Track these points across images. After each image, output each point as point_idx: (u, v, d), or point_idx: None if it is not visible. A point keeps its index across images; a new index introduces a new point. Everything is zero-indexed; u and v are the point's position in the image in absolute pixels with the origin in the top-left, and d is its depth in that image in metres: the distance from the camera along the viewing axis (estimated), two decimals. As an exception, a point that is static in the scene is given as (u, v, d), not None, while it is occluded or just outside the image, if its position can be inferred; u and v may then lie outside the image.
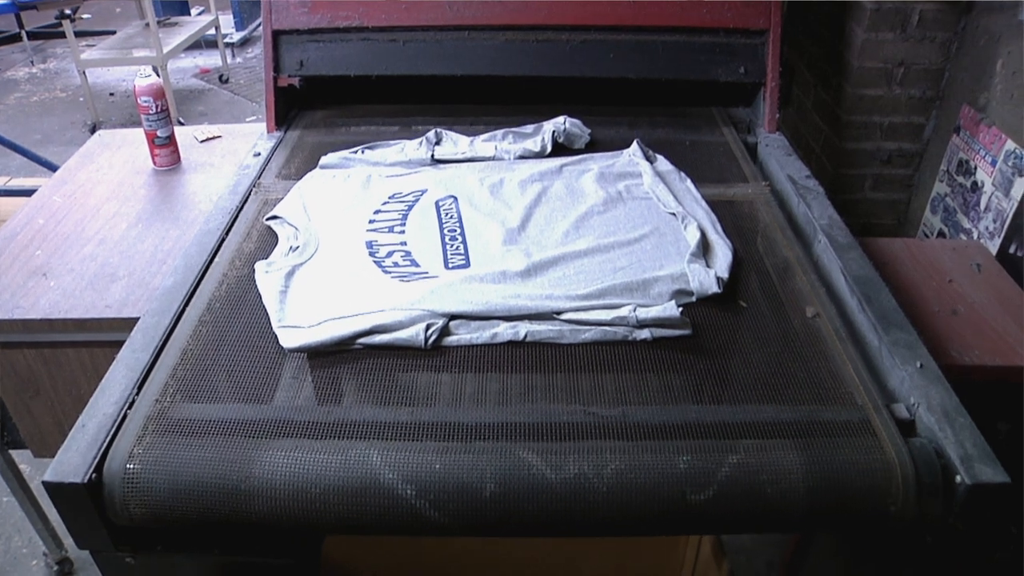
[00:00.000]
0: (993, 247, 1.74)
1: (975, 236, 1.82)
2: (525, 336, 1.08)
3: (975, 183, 1.82)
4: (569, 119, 1.67)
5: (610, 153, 1.59)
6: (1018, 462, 0.95)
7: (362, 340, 1.06)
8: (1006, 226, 1.71)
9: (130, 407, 0.98)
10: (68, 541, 1.95)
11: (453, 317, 1.10)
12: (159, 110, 1.77)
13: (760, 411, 0.99)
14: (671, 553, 1.53)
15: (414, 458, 0.90)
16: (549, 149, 1.61)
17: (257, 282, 1.20)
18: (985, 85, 1.80)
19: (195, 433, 0.95)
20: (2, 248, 1.54)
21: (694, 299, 1.18)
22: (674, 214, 1.36)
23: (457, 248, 1.27)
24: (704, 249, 1.27)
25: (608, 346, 1.09)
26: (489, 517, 0.89)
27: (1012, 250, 1.68)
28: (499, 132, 1.66)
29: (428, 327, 1.07)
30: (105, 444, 0.93)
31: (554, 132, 1.63)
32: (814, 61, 2.25)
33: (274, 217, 1.38)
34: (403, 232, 1.32)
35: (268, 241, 1.35)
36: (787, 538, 1.84)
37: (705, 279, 1.19)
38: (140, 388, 1.01)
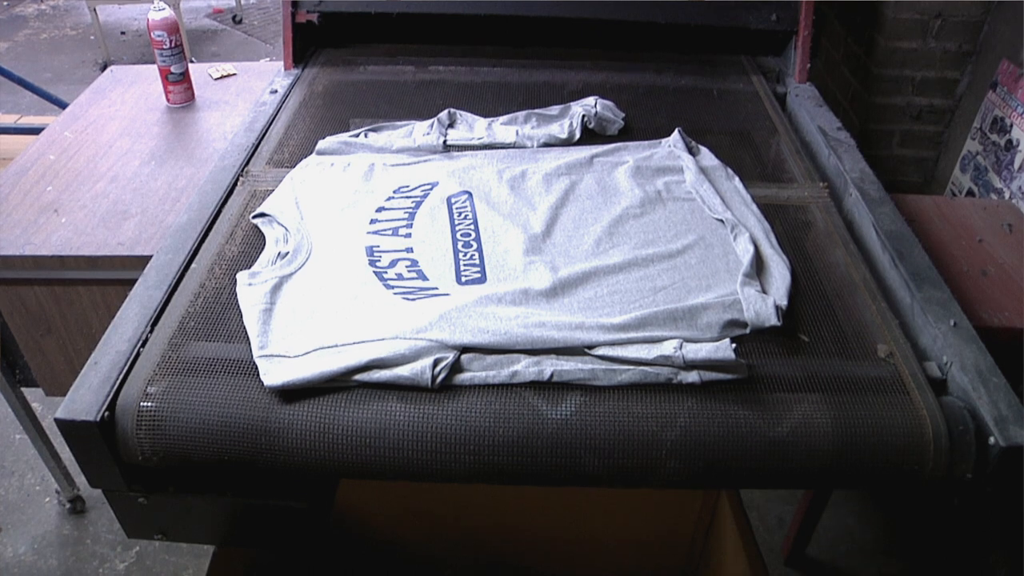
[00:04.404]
0: (1025, 207, 1.69)
1: (1007, 196, 1.77)
2: (551, 376, 0.92)
3: (1010, 141, 1.76)
4: (601, 101, 1.50)
5: (647, 143, 1.41)
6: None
7: (358, 377, 0.91)
8: (1040, 186, 1.66)
9: (143, 345, 0.97)
10: (80, 480, 1.96)
11: (465, 349, 0.94)
12: (173, 45, 1.72)
13: (790, 365, 0.96)
14: (688, 508, 1.52)
15: (430, 408, 0.89)
16: (578, 136, 1.43)
17: (238, 296, 1.04)
18: (1026, 39, 1.73)
19: (209, 372, 0.93)
20: (12, 183, 1.52)
21: (748, 331, 1.00)
22: (722, 220, 1.19)
23: (471, 258, 1.11)
24: (757, 267, 1.10)
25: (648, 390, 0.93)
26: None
27: (1045, 211, 1.64)
28: (520, 114, 1.48)
29: (436, 363, 0.91)
30: (118, 382, 0.91)
31: (584, 116, 1.45)
32: (845, 12, 2.18)
33: (262, 215, 1.21)
34: (409, 236, 1.16)
35: (254, 244, 1.17)
36: (798, 495, 1.84)
37: (762, 309, 1.01)
38: (153, 326, 0.99)
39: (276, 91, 1.59)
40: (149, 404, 0.89)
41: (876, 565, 1.87)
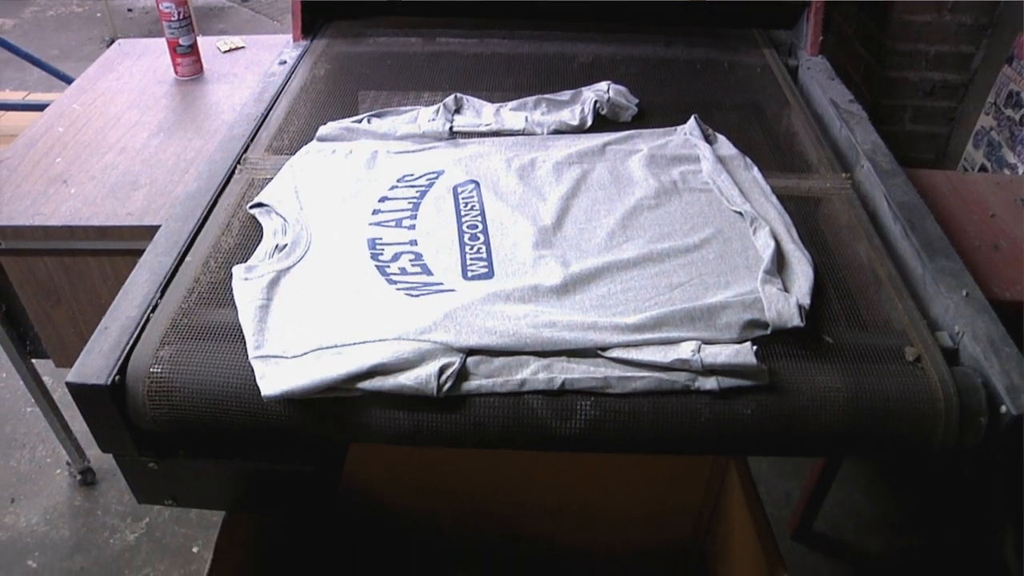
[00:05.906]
0: (1039, 182, 1.68)
1: (1020, 171, 1.76)
2: (562, 385, 0.87)
3: (1024, 116, 1.75)
4: (614, 86, 1.43)
5: (662, 130, 1.35)
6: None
7: (359, 385, 0.87)
8: (1054, 161, 1.65)
9: (153, 310, 0.97)
10: (90, 451, 1.97)
11: (472, 352, 0.90)
12: (181, 17, 1.71)
13: (813, 369, 0.92)
14: (696, 481, 1.52)
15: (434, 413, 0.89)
16: (590, 122, 1.36)
17: (234, 292, 0.99)
18: (1042, 12, 1.71)
19: (219, 338, 0.93)
20: (22, 155, 1.52)
21: (769, 332, 0.94)
22: (740, 213, 1.13)
23: (478, 251, 1.06)
24: (779, 264, 1.03)
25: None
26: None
27: (1059, 186, 1.62)
28: (530, 100, 1.41)
29: (442, 371, 0.87)
30: (128, 347, 0.92)
31: (596, 102, 1.38)
32: (859, -15, 2.16)
33: (260, 204, 1.16)
34: (413, 228, 1.10)
35: (252, 235, 1.12)
36: (806, 470, 1.84)
37: (784, 308, 0.95)
38: (163, 292, 1.00)
39: (285, 62, 1.58)
40: (159, 368, 0.89)
41: (883, 540, 1.88)
